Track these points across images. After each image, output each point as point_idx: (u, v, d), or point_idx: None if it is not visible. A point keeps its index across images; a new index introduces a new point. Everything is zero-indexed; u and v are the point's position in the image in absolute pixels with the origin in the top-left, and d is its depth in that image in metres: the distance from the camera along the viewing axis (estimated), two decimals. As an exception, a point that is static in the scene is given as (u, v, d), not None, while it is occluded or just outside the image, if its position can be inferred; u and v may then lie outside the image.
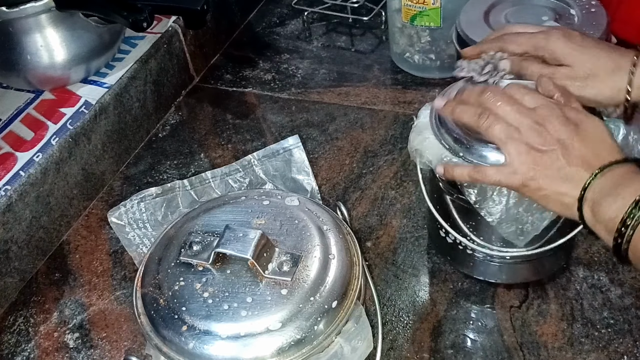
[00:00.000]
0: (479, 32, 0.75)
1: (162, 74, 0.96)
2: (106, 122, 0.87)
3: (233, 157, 0.90)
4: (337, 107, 0.97)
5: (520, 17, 0.76)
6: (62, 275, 0.78)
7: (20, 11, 0.80)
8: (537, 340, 0.66)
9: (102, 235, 0.82)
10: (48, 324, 0.73)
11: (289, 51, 1.09)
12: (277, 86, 1.02)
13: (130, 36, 0.95)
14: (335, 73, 1.03)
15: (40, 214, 0.78)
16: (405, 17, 0.93)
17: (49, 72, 0.86)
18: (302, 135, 0.90)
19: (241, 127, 0.96)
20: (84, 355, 0.70)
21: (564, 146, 0.55)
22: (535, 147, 0.56)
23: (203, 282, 0.60)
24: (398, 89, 0.99)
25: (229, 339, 0.56)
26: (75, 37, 0.85)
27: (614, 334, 0.66)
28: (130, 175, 0.90)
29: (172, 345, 0.57)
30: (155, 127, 0.97)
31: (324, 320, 0.57)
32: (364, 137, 0.91)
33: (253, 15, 1.19)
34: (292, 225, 0.64)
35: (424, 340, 0.67)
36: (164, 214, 0.79)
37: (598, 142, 0.56)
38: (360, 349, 0.59)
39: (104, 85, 0.88)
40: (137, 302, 0.61)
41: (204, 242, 0.62)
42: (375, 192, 0.83)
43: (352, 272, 0.61)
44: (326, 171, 0.87)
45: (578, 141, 0.55)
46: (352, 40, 1.11)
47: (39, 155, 0.79)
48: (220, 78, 1.06)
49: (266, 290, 0.58)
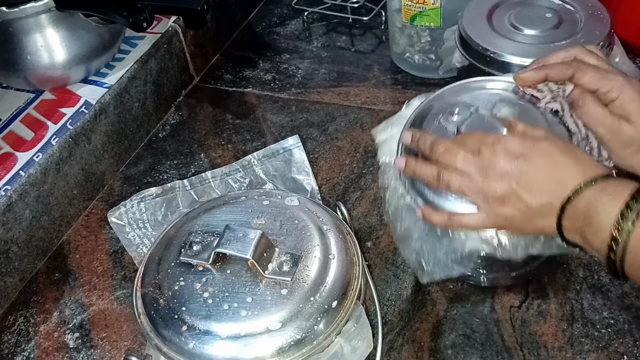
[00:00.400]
0: (481, 33, 0.75)
1: (162, 74, 0.96)
2: (106, 122, 0.87)
3: (233, 157, 0.90)
4: (337, 107, 0.97)
5: (524, 19, 0.76)
6: (62, 275, 0.78)
7: (20, 11, 0.80)
8: (537, 340, 0.66)
9: (102, 235, 0.82)
10: (48, 324, 0.73)
11: (289, 51, 1.09)
12: (277, 86, 1.02)
13: (130, 36, 0.95)
14: (335, 73, 1.03)
15: (40, 214, 0.78)
16: (405, 17, 0.93)
17: (49, 72, 0.86)
18: (302, 135, 0.90)
19: (241, 127, 0.96)
20: (84, 355, 0.70)
21: (519, 184, 0.53)
22: (491, 194, 0.55)
23: (203, 282, 0.60)
24: (398, 89, 0.99)
25: (229, 339, 0.56)
26: (75, 37, 0.85)
27: (614, 334, 0.66)
28: (130, 175, 0.90)
29: (172, 345, 0.57)
30: (155, 127, 0.97)
31: (324, 320, 0.57)
32: (364, 137, 0.91)
33: (253, 15, 1.19)
34: (292, 225, 0.64)
35: (424, 340, 0.67)
36: (164, 214, 0.79)
37: (559, 166, 0.53)
38: (360, 349, 0.59)
39: (104, 85, 0.88)
40: (137, 302, 0.61)
41: (204, 242, 0.62)
42: (375, 192, 0.83)
43: (352, 272, 0.61)
44: (326, 171, 0.87)
45: (533, 172, 0.53)
46: (352, 40, 1.11)
47: (39, 155, 0.79)
48: (220, 78, 1.06)
49: (266, 290, 0.58)
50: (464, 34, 0.77)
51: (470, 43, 0.75)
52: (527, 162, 0.54)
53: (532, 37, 0.75)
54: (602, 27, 0.74)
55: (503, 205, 0.55)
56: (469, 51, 0.76)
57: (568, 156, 0.54)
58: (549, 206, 0.53)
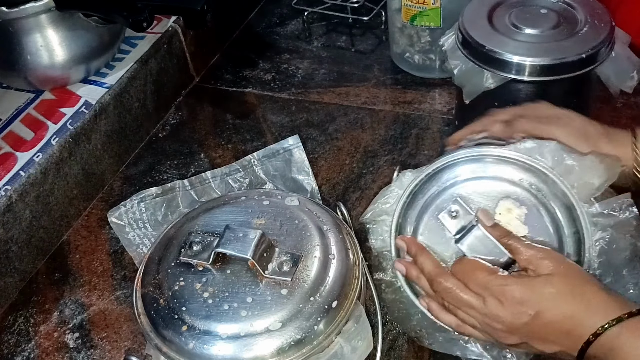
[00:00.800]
0: (482, 33, 0.74)
1: (162, 74, 0.96)
2: (106, 122, 0.87)
3: (233, 157, 0.90)
4: (337, 107, 0.97)
5: (525, 18, 0.76)
6: (62, 275, 0.78)
7: (20, 11, 0.80)
8: (537, 340, 0.66)
9: (102, 235, 0.82)
10: (48, 324, 0.73)
11: (289, 51, 1.09)
12: (277, 86, 1.02)
13: (130, 36, 0.95)
14: (335, 73, 1.03)
15: (40, 214, 0.78)
16: (405, 17, 0.93)
17: (49, 72, 0.86)
18: (302, 135, 0.90)
19: (241, 127, 0.96)
20: (84, 355, 0.70)
21: (529, 338, 0.54)
22: (500, 341, 0.56)
23: (203, 282, 0.60)
24: (398, 89, 0.99)
25: (229, 339, 0.56)
26: (75, 37, 0.85)
27: (614, 334, 0.66)
28: (130, 175, 0.90)
29: (172, 345, 0.57)
30: (155, 127, 0.97)
31: (324, 320, 0.57)
32: (364, 137, 0.91)
33: (253, 15, 1.19)
34: (292, 225, 0.64)
35: (424, 340, 0.67)
36: (164, 214, 0.79)
37: (569, 317, 0.52)
38: (360, 349, 0.59)
39: (104, 85, 0.88)
40: (137, 302, 0.61)
41: (204, 242, 0.62)
42: (375, 192, 0.82)
43: (352, 272, 0.61)
44: (326, 171, 0.87)
45: (542, 327, 0.53)
46: (352, 40, 1.11)
47: (39, 155, 0.79)
48: (220, 78, 1.06)
49: (266, 290, 0.58)
50: (465, 33, 0.77)
51: (471, 42, 0.75)
52: (536, 318, 0.53)
53: (533, 36, 0.75)
54: (602, 26, 0.74)
55: (516, 348, 0.57)
56: (469, 50, 0.76)
57: (578, 300, 0.53)
58: (565, 353, 0.53)
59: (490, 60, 0.73)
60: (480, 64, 0.74)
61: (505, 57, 0.72)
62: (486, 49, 0.73)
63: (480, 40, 0.73)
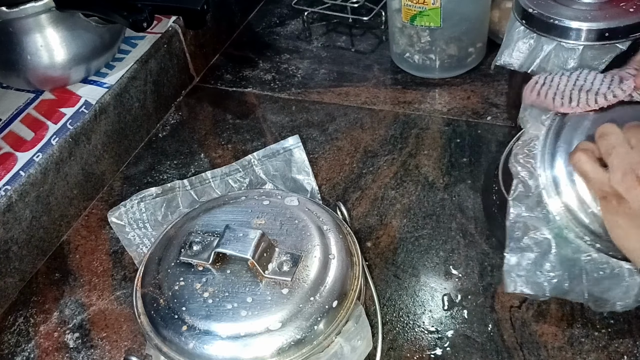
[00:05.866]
0: (540, 3, 0.72)
1: (162, 74, 0.97)
2: (106, 122, 0.87)
3: (233, 157, 0.90)
4: (337, 107, 0.97)
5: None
6: (62, 275, 0.78)
7: (20, 11, 0.80)
8: (537, 340, 0.66)
9: (102, 235, 0.82)
10: (48, 324, 0.73)
11: (289, 51, 1.09)
12: (277, 86, 1.02)
13: (130, 36, 0.95)
14: (335, 73, 1.03)
15: (40, 214, 0.78)
16: (405, 17, 0.93)
17: (49, 72, 0.86)
18: (302, 135, 0.90)
19: (241, 127, 0.96)
20: (84, 355, 0.70)
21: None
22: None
23: (203, 282, 0.60)
24: (398, 89, 0.99)
25: (229, 339, 0.56)
26: (75, 37, 0.85)
27: (614, 334, 0.66)
28: (130, 175, 0.90)
29: (172, 345, 0.57)
30: (155, 127, 0.97)
31: (324, 320, 0.57)
32: (364, 137, 0.91)
33: (253, 15, 1.19)
34: (292, 225, 0.64)
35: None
36: (164, 214, 0.79)
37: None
38: (360, 349, 0.59)
39: (104, 85, 0.88)
40: (137, 302, 0.61)
41: (204, 242, 0.62)
42: (375, 192, 0.83)
43: (352, 272, 0.61)
44: (326, 171, 0.87)
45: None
46: (352, 40, 1.11)
47: (39, 155, 0.79)
48: (220, 78, 1.06)
49: (266, 290, 0.58)
50: (524, 4, 0.75)
51: (532, 13, 0.73)
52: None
53: (591, 4, 0.73)
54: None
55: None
56: (531, 22, 0.74)
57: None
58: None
59: (551, 28, 0.70)
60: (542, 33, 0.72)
61: (564, 24, 0.70)
62: (546, 16, 0.71)
63: (541, 10, 0.71)
